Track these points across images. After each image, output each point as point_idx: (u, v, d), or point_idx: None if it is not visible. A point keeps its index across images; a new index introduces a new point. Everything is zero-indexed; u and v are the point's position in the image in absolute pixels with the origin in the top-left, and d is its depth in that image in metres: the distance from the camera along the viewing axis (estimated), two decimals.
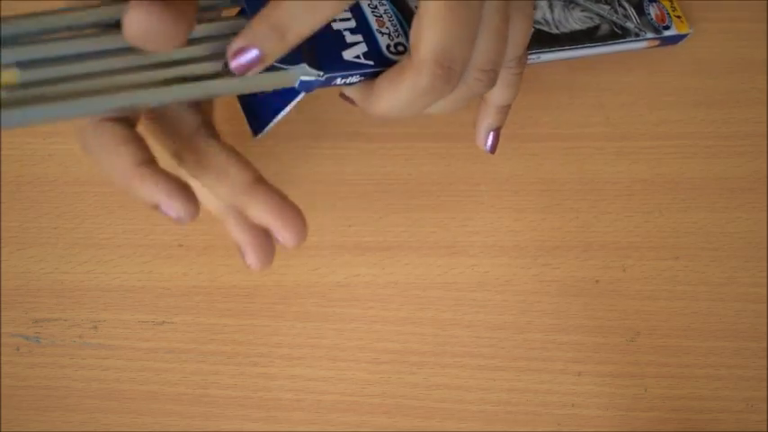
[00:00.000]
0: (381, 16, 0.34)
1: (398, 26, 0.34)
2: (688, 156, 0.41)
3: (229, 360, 0.39)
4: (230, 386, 0.39)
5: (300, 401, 0.39)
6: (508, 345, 0.39)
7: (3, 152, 0.42)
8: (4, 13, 0.44)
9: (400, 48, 0.33)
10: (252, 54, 0.28)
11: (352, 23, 0.33)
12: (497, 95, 0.35)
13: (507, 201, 0.41)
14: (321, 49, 0.31)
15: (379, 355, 0.39)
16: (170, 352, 0.39)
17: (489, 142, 0.36)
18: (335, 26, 0.33)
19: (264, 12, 0.27)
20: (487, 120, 0.36)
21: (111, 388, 0.39)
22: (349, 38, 0.33)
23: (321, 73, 0.31)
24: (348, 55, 0.33)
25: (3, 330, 0.40)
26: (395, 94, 0.31)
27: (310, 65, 0.31)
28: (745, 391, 0.38)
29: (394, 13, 0.34)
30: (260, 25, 0.27)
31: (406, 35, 0.33)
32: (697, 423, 0.38)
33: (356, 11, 0.33)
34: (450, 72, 0.30)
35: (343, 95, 0.34)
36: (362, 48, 0.33)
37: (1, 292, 0.40)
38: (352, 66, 0.32)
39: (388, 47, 0.33)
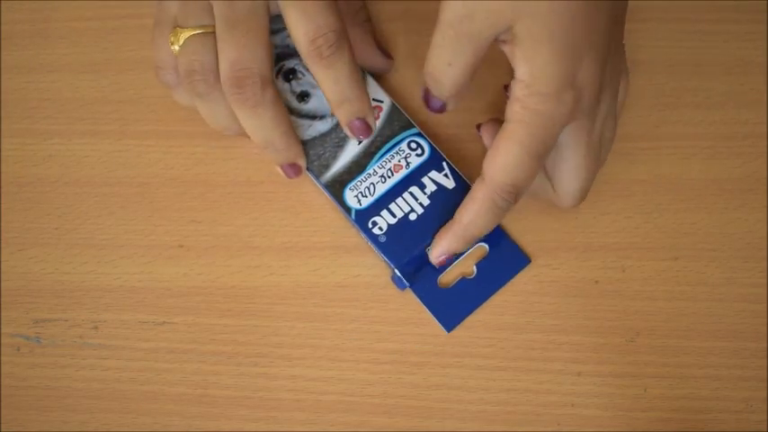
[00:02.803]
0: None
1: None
2: (687, 156, 0.41)
3: (229, 360, 0.39)
4: (230, 386, 0.39)
5: (300, 401, 0.39)
6: (508, 345, 0.39)
7: (3, 153, 0.43)
8: (4, 14, 0.45)
9: None
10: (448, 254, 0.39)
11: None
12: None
13: None
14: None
15: (379, 355, 0.39)
16: (170, 352, 0.40)
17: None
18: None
19: (457, 229, 0.37)
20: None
21: (111, 388, 0.39)
22: None
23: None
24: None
25: (3, 330, 0.40)
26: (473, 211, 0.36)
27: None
28: (745, 391, 0.38)
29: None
30: (456, 239, 0.38)
31: None
32: (697, 423, 0.38)
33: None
34: (516, 195, 0.35)
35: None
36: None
37: (1, 292, 0.41)
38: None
39: None
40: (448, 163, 0.40)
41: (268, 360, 0.39)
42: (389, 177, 0.40)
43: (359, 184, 0.40)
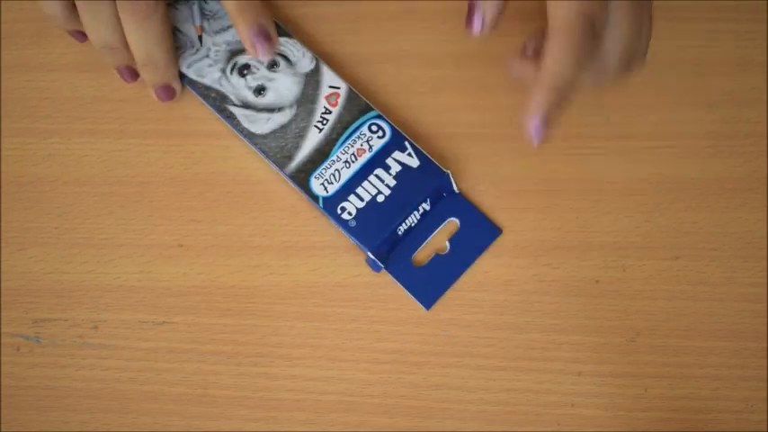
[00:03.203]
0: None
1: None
2: (688, 156, 0.41)
3: (229, 360, 0.39)
4: (230, 386, 0.39)
5: (300, 401, 0.39)
6: (508, 345, 0.39)
7: (3, 152, 0.42)
8: (4, 14, 0.45)
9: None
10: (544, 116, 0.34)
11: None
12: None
13: (507, 201, 0.41)
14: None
15: (379, 355, 0.39)
16: (170, 352, 0.40)
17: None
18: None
19: (544, 79, 0.33)
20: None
21: (111, 388, 0.39)
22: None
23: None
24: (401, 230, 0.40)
25: (3, 330, 0.40)
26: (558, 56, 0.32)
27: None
28: (745, 391, 0.38)
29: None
30: (548, 91, 0.33)
31: None
32: (697, 423, 0.38)
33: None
34: (593, 28, 0.32)
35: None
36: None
37: (1, 292, 0.41)
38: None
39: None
40: (410, 142, 0.40)
41: (268, 360, 0.39)
42: (354, 162, 0.40)
43: (324, 171, 0.40)
